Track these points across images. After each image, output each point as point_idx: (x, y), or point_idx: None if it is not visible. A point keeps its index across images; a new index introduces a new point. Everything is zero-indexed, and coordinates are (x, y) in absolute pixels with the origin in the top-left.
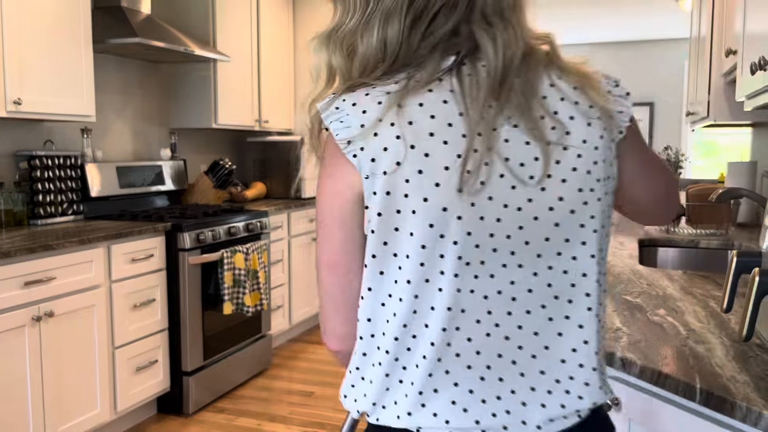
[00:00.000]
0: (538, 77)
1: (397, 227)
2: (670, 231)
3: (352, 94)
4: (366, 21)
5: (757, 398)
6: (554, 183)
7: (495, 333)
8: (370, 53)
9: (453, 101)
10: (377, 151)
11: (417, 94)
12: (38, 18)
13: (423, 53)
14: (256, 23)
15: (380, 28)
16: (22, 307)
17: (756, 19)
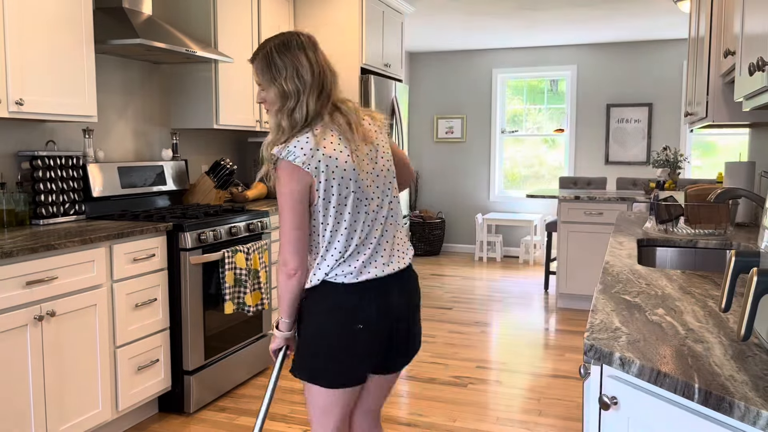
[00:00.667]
0: (360, 118)
1: (330, 193)
2: (668, 231)
3: (294, 141)
4: (299, 103)
5: (756, 397)
6: (382, 160)
7: (379, 231)
8: (300, 119)
9: (339, 137)
10: (318, 164)
11: (325, 136)
12: (40, 19)
13: (317, 116)
14: (256, 24)
15: (307, 106)
16: (23, 307)
17: (754, 20)
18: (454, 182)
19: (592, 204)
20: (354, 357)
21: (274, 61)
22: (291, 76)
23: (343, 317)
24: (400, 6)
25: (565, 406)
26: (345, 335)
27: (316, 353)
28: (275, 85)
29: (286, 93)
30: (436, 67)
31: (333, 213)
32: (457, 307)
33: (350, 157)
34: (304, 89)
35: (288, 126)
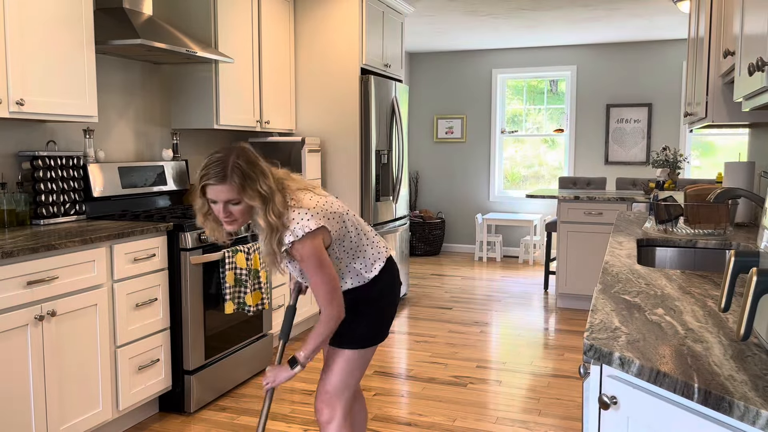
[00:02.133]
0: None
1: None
2: (668, 231)
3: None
4: (275, 199)
5: (755, 397)
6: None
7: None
8: (281, 209)
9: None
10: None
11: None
12: (40, 19)
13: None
14: (257, 24)
15: (278, 199)
16: (24, 307)
17: (754, 21)
18: (454, 182)
19: (592, 204)
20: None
21: (248, 174)
22: (263, 180)
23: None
24: (400, 6)
25: (565, 405)
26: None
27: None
28: (255, 193)
29: (265, 196)
30: (436, 67)
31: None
32: (457, 307)
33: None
34: (273, 190)
35: (278, 222)
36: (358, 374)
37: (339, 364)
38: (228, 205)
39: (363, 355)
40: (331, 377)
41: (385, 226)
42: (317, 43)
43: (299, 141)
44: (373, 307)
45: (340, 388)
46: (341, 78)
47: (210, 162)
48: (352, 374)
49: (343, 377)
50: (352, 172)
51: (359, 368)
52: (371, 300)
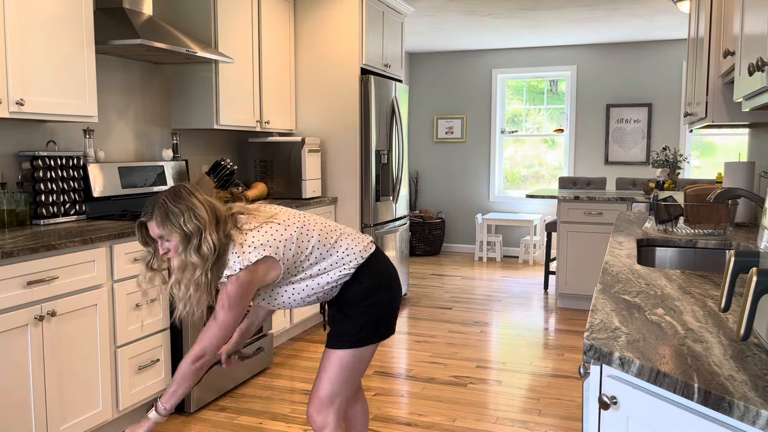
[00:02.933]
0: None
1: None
2: (668, 231)
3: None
4: (203, 239)
5: (755, 397)
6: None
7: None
8: (209, 250)
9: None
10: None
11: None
12: (40, 19)
13: (227, 238)
14: (257, 24)
15: (210, 238)
16: (24, 307)
17: (754, 21)
18: (454, 182)
19: (592, 204)
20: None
21: (171, 210)
22: (189, 218)
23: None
24: (400, 6)
25: (565, 405)
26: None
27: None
28: (177, 230)
29: (187, 234)
30: (436, 67)
31: None
32: (457, 307)
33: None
34: (203, 225)
35: (199, 260)
36: (352, 380)
37: (331, 368)
38: (163, 242)
39: (356, 356)
40: (324, 383)
41: (385, 226)
42: (317, 43)
43: (299, 141)
44: (358, 307)
45: (332, 394)
46: (341, 78)
47: (149, 201)
48: (346, 380)
49: (335, 383)
50: (352, 172)
51: (353, 372)
52: (354, 301)
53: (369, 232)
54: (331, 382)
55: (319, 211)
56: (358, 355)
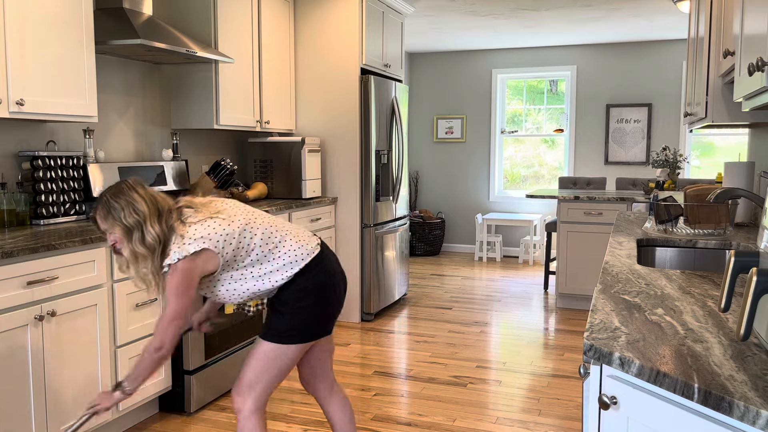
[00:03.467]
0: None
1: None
2: (668, 231)
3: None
4: (145, 231)
5: (755, 397)
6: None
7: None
8: (153, 240)
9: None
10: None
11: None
12: (40, 19)
13: (170, 229)
14: (257, 24)
15: (153, 230)
16: (24, 307)
17: (754, 21)
18: (454, 182)
19: (592, 204)
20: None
21: (111, 206)
22: (129, 212)
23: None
24: (400, 6)
25: (565, 405)
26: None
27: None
28: (118, 224)
29: (128, 227)
30: (436, 67)
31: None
32: (456, 307)
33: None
34: (143, 219)
35: (146, 251)
36: (275, 372)
37: (256, 356)
38: (108, 235)
39: (280, 351)
40: (247, 369)
41: (385, 226)
42: (317, 43)
43: (299, 141)
44: (290, 307)
45: (252, 380)
46: (341, 78)
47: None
48: (267, 370)
49: (257, 370)
50: (352, 172)
51: (276, 365)
52: (287, 302)
53: (369, 232)
54: (254, 369)
55: (319, 211)
56: (282, 351)
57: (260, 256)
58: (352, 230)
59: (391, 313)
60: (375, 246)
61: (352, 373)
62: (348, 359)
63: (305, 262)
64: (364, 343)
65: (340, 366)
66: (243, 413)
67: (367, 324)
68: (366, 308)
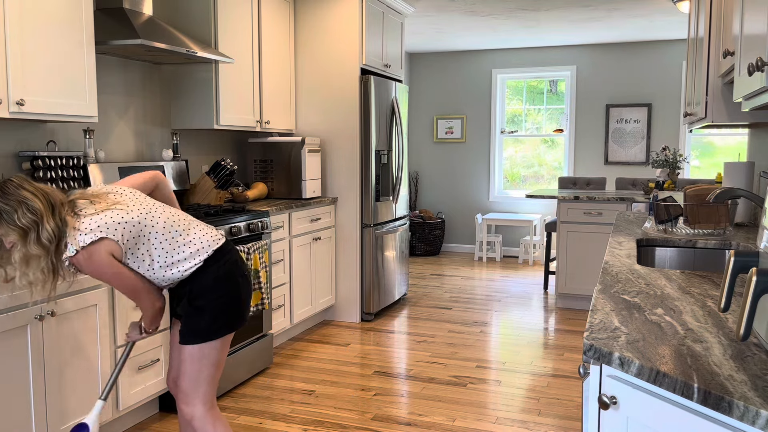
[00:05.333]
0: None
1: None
2: (668, 231)
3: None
4: (41, 229)
5: (755, 397)
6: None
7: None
8: (49, 237)
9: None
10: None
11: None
12: (41, 20)
13: (64, 224)
14: (257, 24)
15: (48, 226)
16: (24, 307)
17: (754, 21)
18: (453, 182)
19: (592, 204)
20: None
21: (2, 209)
22: (23, 213)
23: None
24: (400, 6)
25: (565, 405)
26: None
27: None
28: (12, 228)
29: (24, 229)
30: (436, 67)
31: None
32: (456, 306)
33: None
34: (40, 216)
35: (41, 251)
36: (211, 369)
37: (185, 362)
38: (2, 238)
39: (208, 349)
40: (182, 378)
41: (385, 226)
42: (317, 43)
43: (299, 141)
44: (208, 298)
45: (191, 387)
46: (341, 78)
47: None
48: (201, 371)
49: (192, 376)
50: (352, 173)
51: (208, 362)
52: (204, 292)
53: (369, 232)
54: (188, 376)
55: (319, 211)
56: (209, 348)
57: (164, 244)
58: (352, 230)
59: (390, 313)
60: (375, 246)
61: (351, 373)
62: (348, 359)
63: (213, 249)
64: (364, 343)
65: (340, 366)
66: (196, 418)
67: (366, 324)
68: (366, 308)
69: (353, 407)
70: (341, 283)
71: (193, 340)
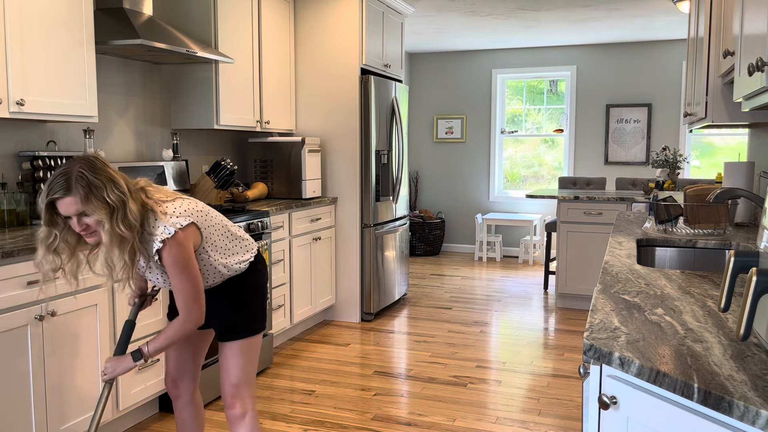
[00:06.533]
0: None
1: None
2: (668, 231)
3: (171, 213)
4: (127, 210)
5: (755, 397)
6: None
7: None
8: (134, 221)
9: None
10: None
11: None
12: (41, 20)
13: (145, 209)
14: (257, 24)
15: (132, 210)
16: (24, 307)
17: (754, 21)
18: (453, 182)
19: (592, 204)
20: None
21: (92, 183)
22: (111, 189)
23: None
24: (400, 6)
25: (565, 405)
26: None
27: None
28: (101, 204)
29: (111, 206)
30: (436, 67)
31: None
32: (456, 306)
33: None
34: (126, 195)
35: (128, 232)
36: (255, 364)
37: (234, 357)
38: (82, 218)
39: (255, 342)
40: (232, 371)
41: (385, 226)
42: (317, 43)
43: (299, 141)
44: (254, 295)
45: (243, 379)
46: (341, 78)
47: (55, 175)
48: (250, 363)
49: (243, 369)
50: (352, 173)
51: (255, 356)
52: (251, 288)
53: (369, 232)
54: (240, 368)
55: (319, 211)
56: (255, 342)
57: (222, 237)
58: (352, 230)
59: (390, 313)
60: (375, 246)
61: (352, 373)
62: (348, 359)
63: (254, 253)
64: (364, 343)
65: (340, 366)
66: (249, 414)
67: (366, 324)
68: (366, 308)
69: (353, 407)
70: (341, 283)
71: (239, 336)
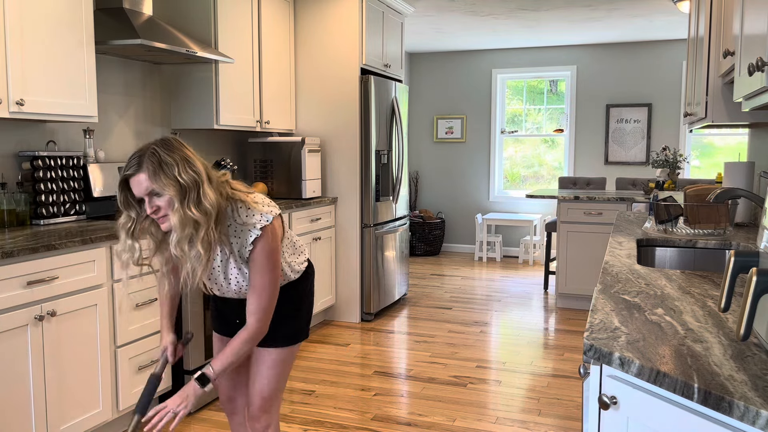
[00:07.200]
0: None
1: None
2: (668, 231)
3: (260, 206)
4: (201, 193)
5: (755, 397)
6: None
7: None
8: (211, 205)
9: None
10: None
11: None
12: (40, 19)
13: (226, 198)
14: (257, 24)
15: (208, 194)
16: (24, 307)
17: (754, 21)
18: (454, 182)
19: (592, 204)
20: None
21: (164, 160)
22: (184, 169)
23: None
24: (400, 6)
25: (565, 405)
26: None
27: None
28: (172, 182)
29: (183, 186)
30: (436, 67)
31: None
32: (456, 306)
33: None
34: (201, 178)
35: (201, 216)
36: (287, 376)
37: (269, 366)
38: (153, 198)
39: (292, 352)
40: (266, 382)
41: (385, 226)
42: (317, 43)
43: (299, 141)
44: (307, 300)
45: (273, 392)
46: (341, 78)
47: (131, 155)
48: (283, 375)
49: (275, 380)
50: (352, 173)
51: (288, 368)
52: (306, 292)
53: (369, 232)
54: (273, 380)
55: (319, 211)
56: (293, 352)
57: (289, 239)
58: (352, 230)
59: (391, 313)
60: (375, 246)
61: (352, 373)
62: (348, 359)
63: (307, 255)
64: (364, 343)
65: (340, 366)
66: (273, 426)
67: (366, 324)
68: (366, 308)
69: (353, 407)
70: (341, 283)
71: (281, 343)
